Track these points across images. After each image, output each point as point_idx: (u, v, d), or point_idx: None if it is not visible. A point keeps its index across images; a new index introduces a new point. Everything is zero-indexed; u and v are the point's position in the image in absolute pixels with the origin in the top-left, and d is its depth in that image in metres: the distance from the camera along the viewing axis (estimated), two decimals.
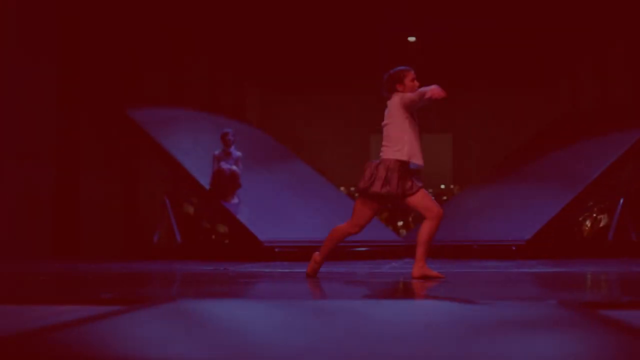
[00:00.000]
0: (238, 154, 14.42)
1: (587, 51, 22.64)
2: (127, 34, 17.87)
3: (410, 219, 22.35)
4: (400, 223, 21.97)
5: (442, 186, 25.44)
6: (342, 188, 23.26)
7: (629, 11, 18.62)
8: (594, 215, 16.46)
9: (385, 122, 7.69)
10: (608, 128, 16.10)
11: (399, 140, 7.55)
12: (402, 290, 6.49)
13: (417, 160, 7.57)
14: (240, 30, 20.53)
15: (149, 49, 18.91)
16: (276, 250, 13.26)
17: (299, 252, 13.08)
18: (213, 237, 17.14)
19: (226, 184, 14.20)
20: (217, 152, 14.38)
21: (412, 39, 21.18)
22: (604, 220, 16.32)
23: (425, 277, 7.46)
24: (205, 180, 14.46)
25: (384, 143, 7.63)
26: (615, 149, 15.14)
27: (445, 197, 23.94)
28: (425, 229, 7.48)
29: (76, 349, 3.19)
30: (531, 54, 22.84)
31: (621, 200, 15.22)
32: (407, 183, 7.52)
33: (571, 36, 21.09)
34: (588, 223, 16.48)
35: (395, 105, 7.65)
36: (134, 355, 3.02)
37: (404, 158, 7.49)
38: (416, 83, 7.76)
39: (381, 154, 7.59)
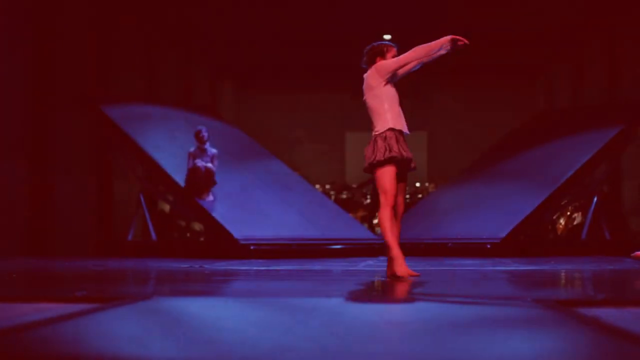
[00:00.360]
0: (213, 151, 14.39)
1: (563, 51, 22.73)
2: (102, 30, 17.79)
3: None
4: (375, 221, 21.98)
5: (417, 184, 25.47)
6: (317, 186, 23.26)
7: (604, 12, 18.73)
8: (568, 213, 16.54)
9: (364, 97, 7.71)
10: (582, 127, 16.18)
11: (381, 111, 7.59)
12: (379, 289, 6.49)
13: (402, 127, 7.62)
14: (215, 27, 20.49)
15: (124, 45, 18.83)
16: (251, 247, 13.24)
17: (274, 250, 13.07)
18: (188, 234, 17.12)
19: (201, 181, 14.16)
20: (192, 150, 14.34)
21: (387, 36, 21.19)
22: (577, 219, 16.41)
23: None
24: (180, 178, 14.42)
25: (371, 119, 7.67)
26: (589, 148, 15.22)
27: (420, 195, 23.97)
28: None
29: (51, 347, 3.17)
30: (507, 52, 22.91)
31: (595, 199, 15.30)
32: (408, 149, 7.57)
33: (547, 36, 21.17)
34: (562, 221, 16.57)
35: (371, 75, 7.68)
36: (109, 353, 3.00)
37: (391, 126, 7.52)
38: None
39: (373, 132, 7.61)
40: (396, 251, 7.21)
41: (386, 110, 7.58)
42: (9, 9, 14.80)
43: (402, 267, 7.16)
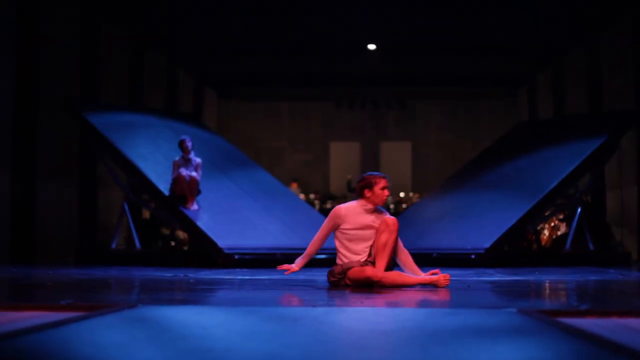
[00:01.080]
0: (198, 160, 14.38)
1: (546, 61, 22.84)
2: (86, 36, 17.77)
3: None
4: None
5: (402, 194, 25.50)
6: (301, 195, 23.26)
7: (585, 23, 18.84)
8: (552, 224, 16.58)
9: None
10: (566, 137, 16.22)
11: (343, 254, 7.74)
12: (364, 298, 6.50)
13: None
14: (199, 35, 20.50)
15: (108, 52, 18.83)
16: (236, 257, 13.23)
17: (258, 259, 13.06)
18: (172, 243, 17.09)
19: (185, 190, 14.15)
20: (176, 159, 14.33)
21: (372, 46, 21.24)
22: (562, 229, 16.45)
23: None
24: (164, 187, 14.40)
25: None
26: (573, 158, 15.26)
27: (404, 205, 23.99)
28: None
29: (37, 355, 3.17)
30: (491, 62, 23.00)
31: (579, 210, 15.34)
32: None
33: (530, 46, 21.27)
34: (546, 232, 16.61)
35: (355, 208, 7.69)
36: None
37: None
38: (386, 192, 7.67)
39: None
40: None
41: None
42: None
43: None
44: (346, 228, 7.57)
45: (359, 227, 7.56)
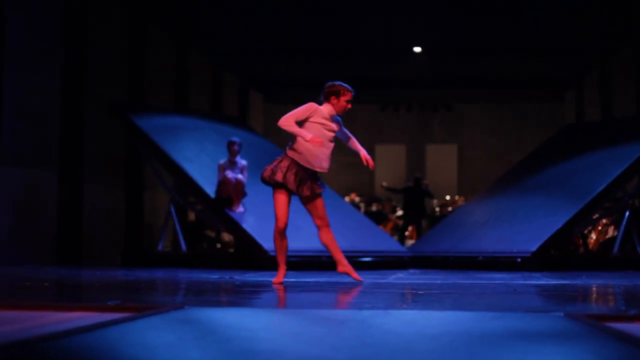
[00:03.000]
0: (243, 162, 14.42)
1: (593, 62, 22.65)
2: (133, 39, 17.90)
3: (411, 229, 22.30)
4: (407, 233, 21.95)
5: (447, 197, 25.43)
6: (345, 198, 23.26)
7: (634, 21, 18.64)
8: (600, 227, 16.44)
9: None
10: (614, 140, 16.07)
11: (300, 143, 8.40)
12: (410, 301, 6.48)
13: (318, 167, 8.47)
14: (244, 38, 20.57)
15: (155, 54, 18.94)
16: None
17: (304, 262, 13.06)
18: (218, 245, 17.15)
19: (232, 192, 14.20)
20: (222, 161, 14.38)
21: (417, 49, 21.20)
22: (610, 233, 16.30)
23: (349, 273, 8.64)
24: (210, 189, 14.45)
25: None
26: (621, 161, 15.11)
27: (450, 208, 23.92)
28: (328, 237, 8.77)
29: (84, 356, 3.19)
30: (537, 65, 22.87)
31: (627, 213, 15.19)
32: (306, 184, 8.39)
33: (577, 47, 21.11)
34: (594, 235, 16.46)
35: (322, 109, 8.49)
36: None
37: (299, 161, 8.36)
38: (349, 106, 8.51)
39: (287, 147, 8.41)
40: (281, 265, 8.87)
41: (304, 147, 8.39)
42: (43, 17, 14.92)
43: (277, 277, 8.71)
44: (314, 121, 8.39)
45: (323, 125, 8.41)
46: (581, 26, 19.08)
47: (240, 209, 14.31)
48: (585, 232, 16.23)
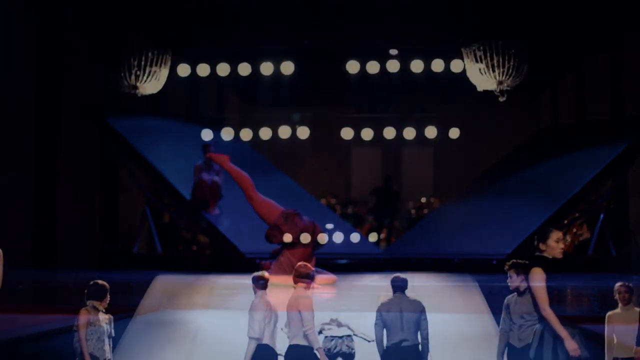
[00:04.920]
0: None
1: (568, 66, 22.70)
2: (110, 40, 17.79)
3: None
4: (382, 236, 21.90)
5: (423, 199, 25.41)
6: (322, 200, 23.23)
7: (610, 26, 18.70)
8: (574, 230, 16.50)
9: None
10: (588, 143, 16.13)
11: None
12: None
13: None
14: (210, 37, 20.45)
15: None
16: (258, 261, 13.21)
17: None
18: (194, 247, 17.10)
19: (207, 194, 14.17)
20: (198, 163, 14.35)
21: (393, 51, 21.14)
22: (584, 235, 16.36)
23: None
24: (186, 191, 14.41)
25: None
26: (595, 164, 15.18)
27: (425, 210, 23.91)
28: None
29: (59, 358, 3.20)
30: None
31: (601, 216, 15.25)
32: None
33: (552, 50, 21.15)
34: (568, 238, 16.52)
35: None
36: None
37: None
38: None
39: None
40: None
41: None
42: (20, 21, 14.84)
43: None
44: None
45: None
46: (556, 29, 19.10)
47: (216, 210, 14.29)
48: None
